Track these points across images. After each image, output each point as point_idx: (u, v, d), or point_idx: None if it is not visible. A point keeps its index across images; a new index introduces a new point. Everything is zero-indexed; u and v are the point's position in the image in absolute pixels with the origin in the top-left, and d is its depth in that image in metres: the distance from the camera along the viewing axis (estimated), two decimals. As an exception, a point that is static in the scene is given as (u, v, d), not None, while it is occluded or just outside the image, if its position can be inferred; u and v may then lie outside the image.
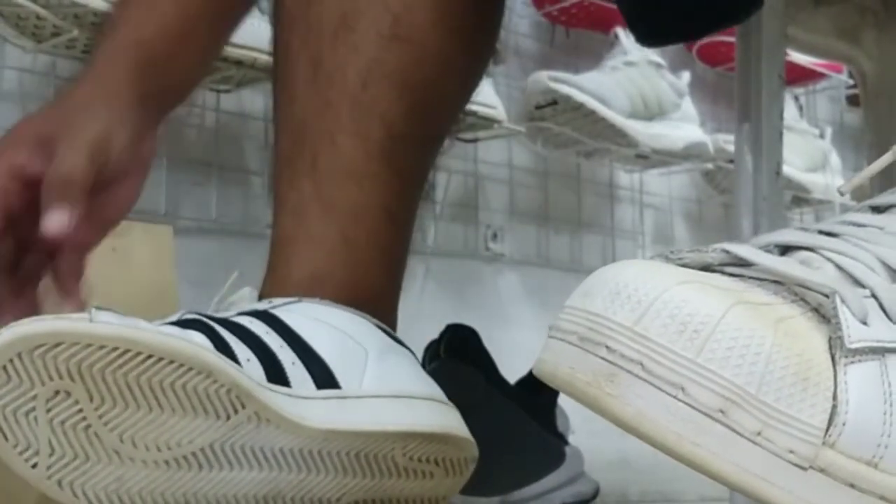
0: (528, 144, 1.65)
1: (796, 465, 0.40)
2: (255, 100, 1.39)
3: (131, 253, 0.89)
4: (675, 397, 0.40)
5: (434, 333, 0.98)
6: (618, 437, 0.42)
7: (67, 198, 0.61)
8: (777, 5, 0.95)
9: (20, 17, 1.15)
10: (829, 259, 0.45)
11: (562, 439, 1.01)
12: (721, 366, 0.40)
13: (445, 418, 0.64)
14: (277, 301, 0.65)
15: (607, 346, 0.41)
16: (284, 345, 0.60)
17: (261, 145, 1.41)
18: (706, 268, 0.45)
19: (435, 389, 0.66)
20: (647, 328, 0.41)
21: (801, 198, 1.90)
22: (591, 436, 0.93)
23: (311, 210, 0.70)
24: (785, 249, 0.47)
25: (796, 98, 2.03)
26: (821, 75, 1.95)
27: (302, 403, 0.58)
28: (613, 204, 1.85)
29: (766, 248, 0.46)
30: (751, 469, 0.40)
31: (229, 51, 1.15)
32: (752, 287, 0.43)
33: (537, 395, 1.00)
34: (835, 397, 0.41)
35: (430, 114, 0.74)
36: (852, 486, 0.41)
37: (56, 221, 0.61)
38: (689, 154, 1.69)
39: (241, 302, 0.66)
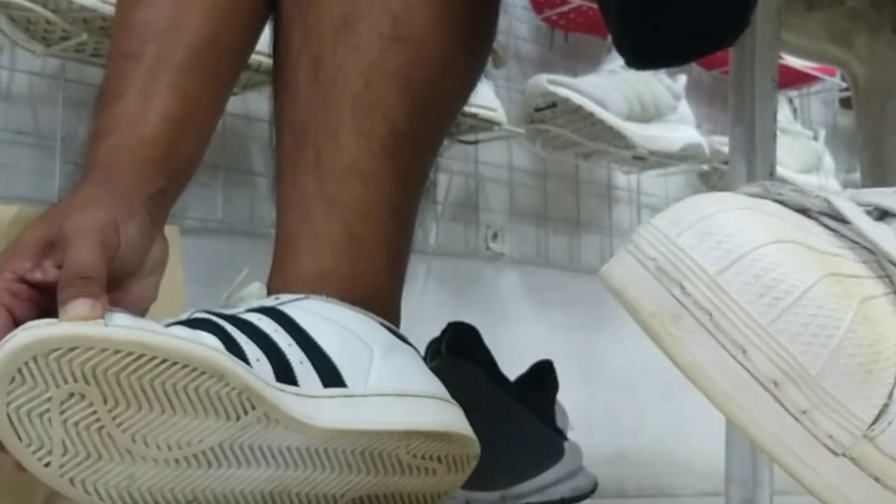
0: (527, 146, 1.65)
1: (831, 449, 0.40)
2: (261, 102, 1.39)
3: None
4: (734, 358, 0.39)
5: (435, 331, 0.99)
6: (615, 434, 0.43)
7: (88, 290, 0.54)
8: (770, 10, 0.95)
9: (30, 21, 1.15)
10: None
11: (561, 435, 1.01)
12: (791, 340, 0.39)
13: (449, 417, 0.65)
14: (285, 297, 0.65)
15: (682, 286, 0.40)
16: (293, 343, 0.61)
17: (265, 147, 1.40)
18: (803, 210, 0.43)
19: (438, 387, 0.66)
20: (728, 282, 0.39)
21: (796, 198, 1.91)
22: (589, 432, 0.95)
23: (315, 207, 0.71)
24: (884, 214, 0.44)
25: (790, 101, 2.03)
26: (814, 78, 1.95)
27: (309, 403, 0.59)
28: (611, 204, 1.85)
29: (867, 208, 0.44)
30: (786, 443, 0.40)
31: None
32: (844, 250, 0.42)
33: (537, 392, 1.01)
34: (889, 396, 0.40)
35: (432, 112, 0.74)
36: (877, 479, 0.40)
37: (79, 311, 0.53)
38: (686, 156, 1.69)
39: (250, 298, 0.67)
